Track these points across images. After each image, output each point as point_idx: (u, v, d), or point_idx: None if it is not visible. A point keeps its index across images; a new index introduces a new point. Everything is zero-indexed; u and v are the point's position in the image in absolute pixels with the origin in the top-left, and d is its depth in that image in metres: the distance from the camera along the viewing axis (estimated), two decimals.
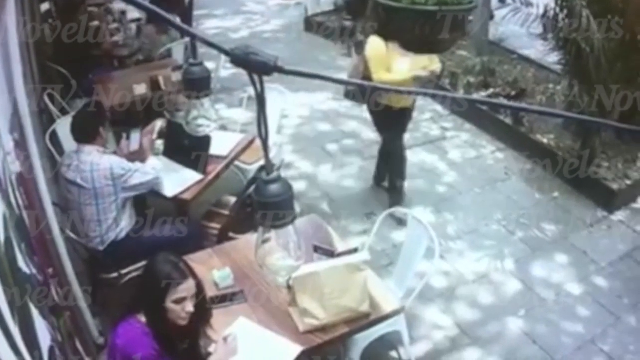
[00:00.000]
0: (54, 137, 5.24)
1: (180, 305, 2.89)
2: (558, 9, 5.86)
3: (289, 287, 3.49)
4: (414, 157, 6.75)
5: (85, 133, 4.26)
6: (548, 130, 6.78)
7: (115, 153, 4.44)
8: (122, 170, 4.16)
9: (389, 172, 5.89)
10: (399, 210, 4.69)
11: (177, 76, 6.07)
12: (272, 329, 3.38)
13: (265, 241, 1.80)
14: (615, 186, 6.02)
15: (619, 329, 4.70)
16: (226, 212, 4.88)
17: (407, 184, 5.78)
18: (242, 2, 12.05)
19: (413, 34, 4.82)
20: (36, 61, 5.90)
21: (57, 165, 4.47)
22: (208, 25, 10.74)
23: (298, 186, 6.16)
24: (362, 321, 3.51)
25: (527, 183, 6.42)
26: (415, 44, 4.92)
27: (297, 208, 2.94)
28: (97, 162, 4.14)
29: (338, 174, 6.57)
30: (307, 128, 7.47)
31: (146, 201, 4.84)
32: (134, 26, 7.83)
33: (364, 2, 6.52)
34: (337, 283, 3.39)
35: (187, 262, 3.06)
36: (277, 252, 1.83)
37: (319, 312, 3.37)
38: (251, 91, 1.47)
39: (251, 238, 3.94)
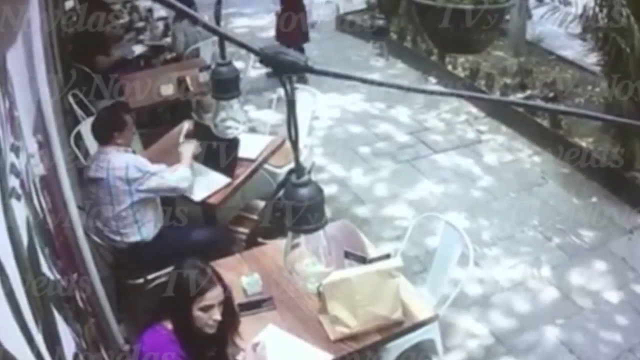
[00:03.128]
0: (79, 139, 5.22)
1: (207, 312, 2.86)
2: (597, 8, 5.76)
3: (319, 294, 3.43)
4: (448, 160, 6.66)
5: (100, 135, 4.30)
6: (586, 133, 6.62)
7: (134, 152, 4.42)
8: (138, 173, 4.12)
9: None
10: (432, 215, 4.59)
11: (204, 76, 6.05)
12: (302, 336, 3.34)
13: (294, 246, 1.75)
14: None
15: None
16: (255, 217, 4.85)
17: (441, 189, 5.60)
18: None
19: (448, 34, 4.72)
20: (60, 60, 5.88)
21: (82, 167, 4.46)
22: (237, 24, 10.77)
23: (329, 190, 6.07)
24: (395, 329, 3.45)
25: (565, 187, 6.27)
26: (450, 44, 4.82)
27: (328, 212, 2.89)
28: (114, 160, 4.14)
29: (370, 178, 6.48)
30: (338, 130, 7.40)
31: (174, 205, 4.80)
32: (160, 24, 7.83)
33: (396, 0, 6.43)
34: (369, 290, 3.33)
35: (215, 268, 3.03)
36: (307, 258, 1.78)
37: (350, 320, 3.31)
38: (281, 92, 1.40)
39: (280, 243, 3.85)
